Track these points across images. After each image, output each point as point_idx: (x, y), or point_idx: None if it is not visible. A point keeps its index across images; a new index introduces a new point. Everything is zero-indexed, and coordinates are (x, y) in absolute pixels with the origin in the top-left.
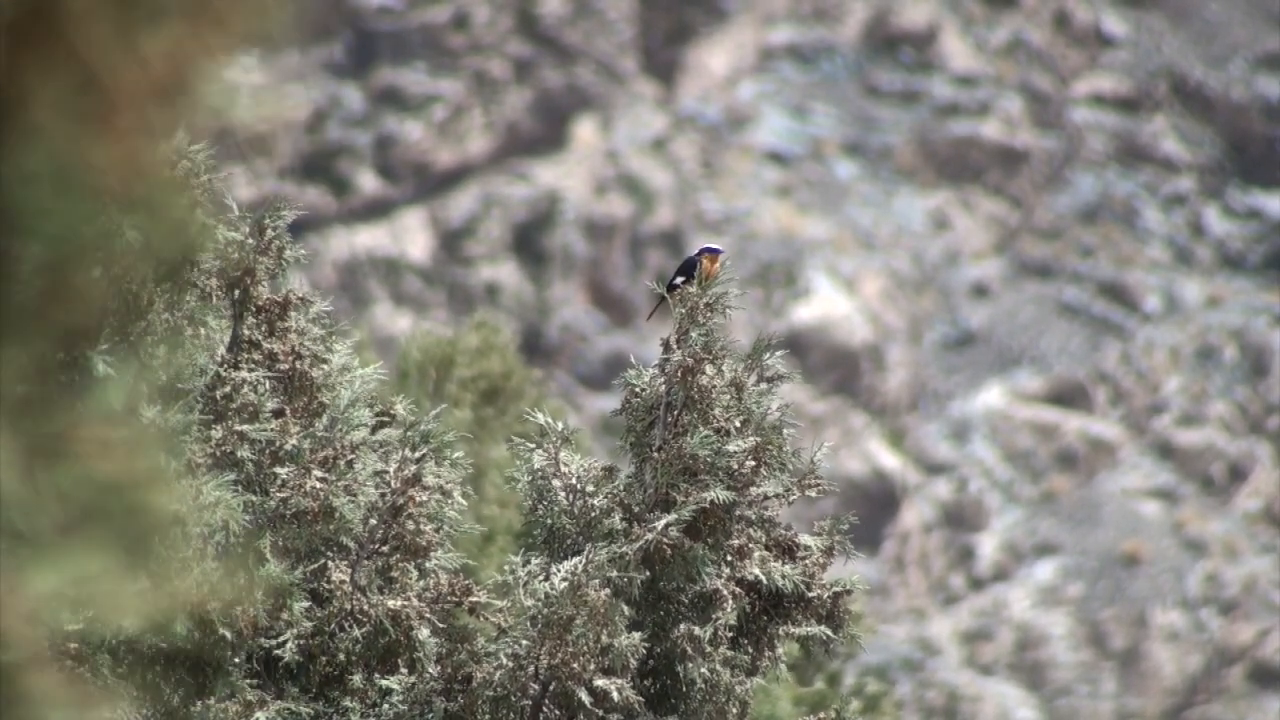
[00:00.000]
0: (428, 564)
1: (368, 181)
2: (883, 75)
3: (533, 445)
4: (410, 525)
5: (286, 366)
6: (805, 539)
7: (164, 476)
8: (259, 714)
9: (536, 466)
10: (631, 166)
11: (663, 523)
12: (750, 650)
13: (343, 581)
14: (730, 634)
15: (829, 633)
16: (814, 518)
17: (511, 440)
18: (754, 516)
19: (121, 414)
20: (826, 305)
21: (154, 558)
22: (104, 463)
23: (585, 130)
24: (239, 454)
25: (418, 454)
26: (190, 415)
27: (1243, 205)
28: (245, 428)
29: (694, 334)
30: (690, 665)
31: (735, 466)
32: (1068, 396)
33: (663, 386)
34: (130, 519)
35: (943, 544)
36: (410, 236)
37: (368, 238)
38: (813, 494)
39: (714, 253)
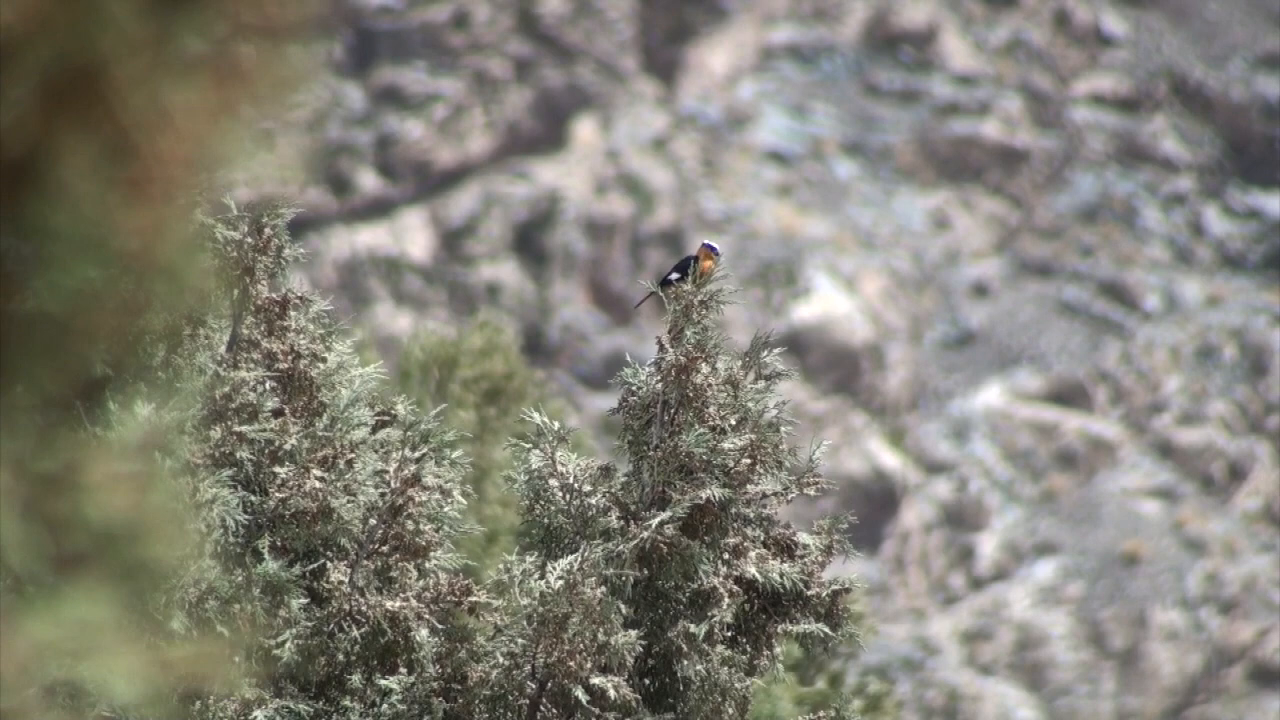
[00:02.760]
0: (427, 564)
1: (368, 181)
2: (883, 75)
3: (529, 445)
4: (410, 525)
5: (286, 366)
6: (804, 537)
7: (170, 523)
8: (257, 713)
9: (533, 466)
10: (632, 166)
11: (657, 520)
12: (749, 649)
13: (341, 581)
14: (729, 632)
15: (827, 631)
16: (814, 517)
17: (510, 441)
18: (751, 515)
19: (130, 451)
20: (827, 305)
21: (152, 615)
22: (110, 500)
23: (585, 130)
24: (238, 454)
25: (417, 454)
26: (187, 413)
27: (1242, 205)
28: (244, 428)
29: (689, 332)
30: (687, 664)
31: (731, 464)
32: (1068, 396)
33: (659, 385)
34: (130, 569)
35: (943, 543)
36: (411, 236)
37: (368, 237)
38: (811, 492)
39: (711, 249)
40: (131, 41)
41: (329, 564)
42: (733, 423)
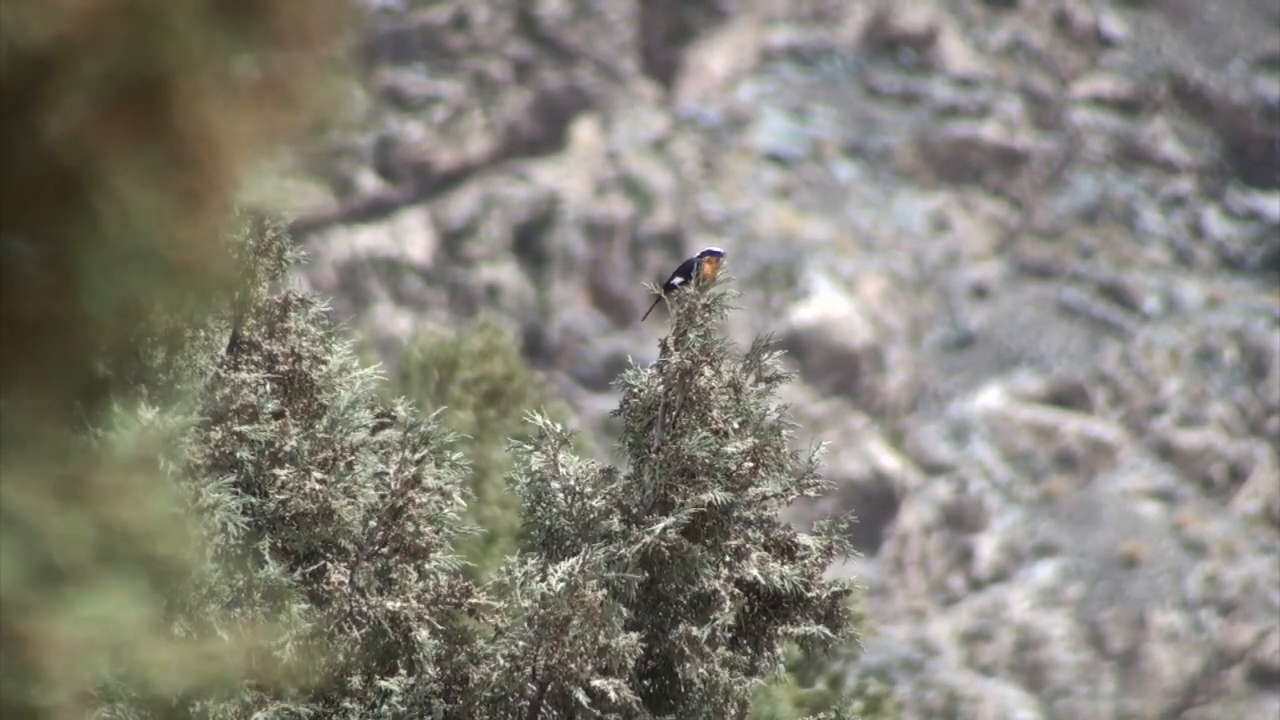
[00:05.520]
0: (427, 566)
1: (368, 182)
2: (882, 77)
3: (531, 447)
4: (410, 527)
5: (286, 368)
6: (804, 539)
7: (178, 526)
8: (258, 714)
9: (534, 468)
10: (631, 167)
11: (661, 526)
12: (749, 651)
13: (341, 583)
14: (729, 634)
15: (827, 633)
16: (814, 518)
17: (511, 442)
18: (752, 517)
19: (137, 460)
20: (826, 306)
21: (181, 610)
22: (118, 508)
23: (585, 131)
24: (238, 455)
25: (417, 456)
26: (189, 417)
27: (1242, 207)
28: (245, 429)
29: (692, 335)
30: (688, 666)
31: (733, 468)
32: (1067, 397)
33: (661, 387)
34: (145, 567)
35: (942, 545)
36: (411, 237)
37: (368, 238)
38: (811, 494)
39: (715, 255)
40: (191, 56)
41: (329, 565)
42: (735, 426)
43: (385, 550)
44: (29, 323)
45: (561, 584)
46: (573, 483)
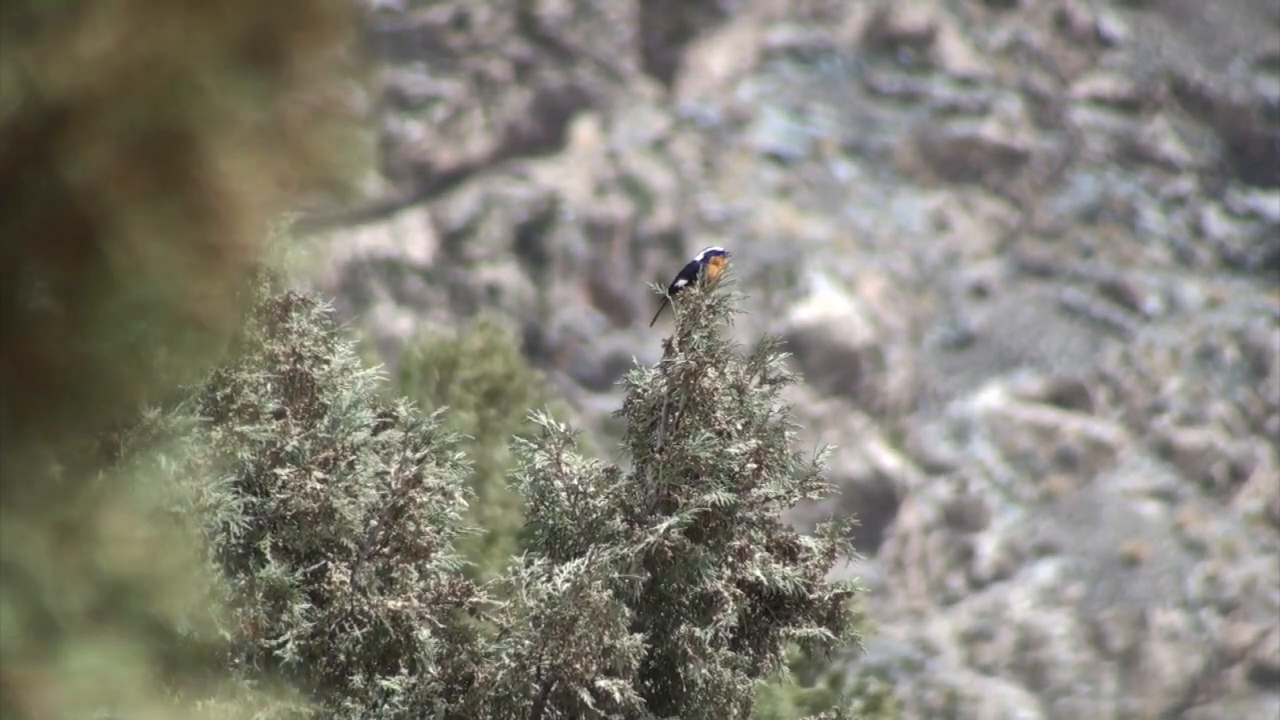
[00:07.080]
0: (428, 565)
1: (369, 182)
2: (882, 76)
3: (535, 446)
4: (411, 526)
5: (287, 367)
6: (806, 540)
7: (183, 579)
8: (259, 715)
9: (538, 467)
10: (631, 167)
11: (665, 525)
12: (751, 651)
13: (343, 582)
14: (731, 635)
15: (829, 634)
16: (815, 518)
17: (514, 441)
18: (755, 518)
19: (145, 507)
20: (826, 306)
21: (178, 670)
22: (124, 554)
23: (585, 130)
24: (239, 455)
25: (418, 455)
26: (191, 417)
27: (1243, 206)
28: (246, 429)
29: (696, 336)
30: (691, 666)
31: (736, 469)
32: (1068, 397)
33: (664, 388)
34: (147, 622)
35: (942, 544)
36: (411, 237)
37: (369, 238)
38: (814, 496)
39: (719, 254)
40: (215, 110)
41: (330, 564)
42: (738, 427)
43: (386, 549)
44: (41, 366)
45: (567, 584)
46: (576, 482)
